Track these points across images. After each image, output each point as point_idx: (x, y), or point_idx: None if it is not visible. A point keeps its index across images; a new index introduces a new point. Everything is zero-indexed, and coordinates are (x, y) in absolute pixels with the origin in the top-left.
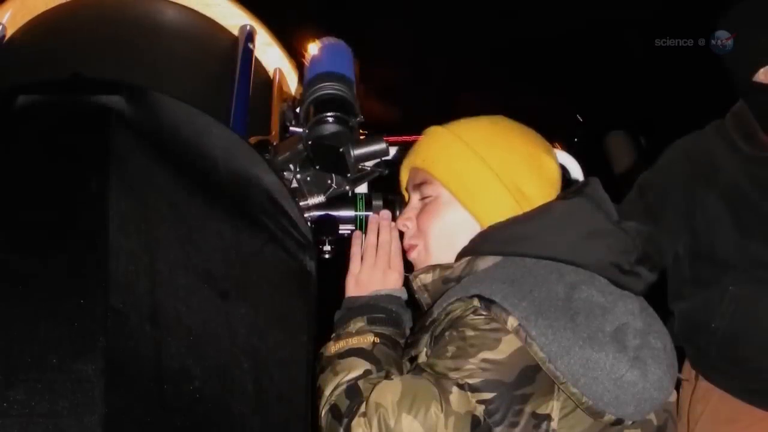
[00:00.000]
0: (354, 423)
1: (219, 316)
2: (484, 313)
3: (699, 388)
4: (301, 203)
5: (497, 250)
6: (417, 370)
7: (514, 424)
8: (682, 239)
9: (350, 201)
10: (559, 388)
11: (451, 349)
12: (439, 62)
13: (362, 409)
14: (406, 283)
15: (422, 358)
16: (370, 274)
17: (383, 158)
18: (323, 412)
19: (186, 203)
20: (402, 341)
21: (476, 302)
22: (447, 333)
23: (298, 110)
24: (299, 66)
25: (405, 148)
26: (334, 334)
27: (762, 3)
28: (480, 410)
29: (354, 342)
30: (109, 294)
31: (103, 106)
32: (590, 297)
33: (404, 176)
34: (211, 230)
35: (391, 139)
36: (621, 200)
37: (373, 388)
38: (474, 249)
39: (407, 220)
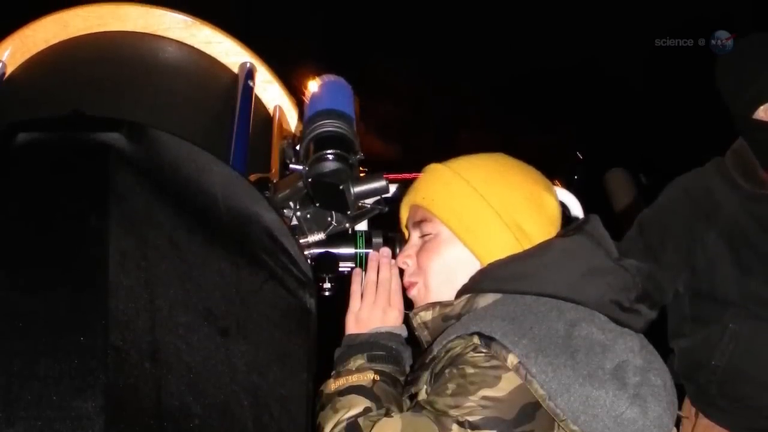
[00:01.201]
0: None
1: (219, 354)
2: (484, 350)
3: (699, 426)
4: (301, 241)
5: (497, 287)
6: (417, 407)
7: None
8: (682, 277)
9: (350, 238)
10: (559, 425)
11: (451, 386)
12: (439, 99)
13: None
14: (406, 321)
15: (422, 396)
16: (370, 311)
17: (383, 195)
18: None
19: (186, 241)
20: (402, 379)
21: (476, 339)
22: (447, 370)
23: (298, 147)
24: (299, 103)
25: (405, 186)
26: (334, 372)
27: (761, 41)
28: None
29: (354, 379)
30: (109, 331)
31: (102, 143)
32: (590, 334)
33: (404, 214)
34: (211, 268)
35: (391, 176)
36: (621, 238)
37: (373, 426)
38: (474, 286)
39: (407, 258)
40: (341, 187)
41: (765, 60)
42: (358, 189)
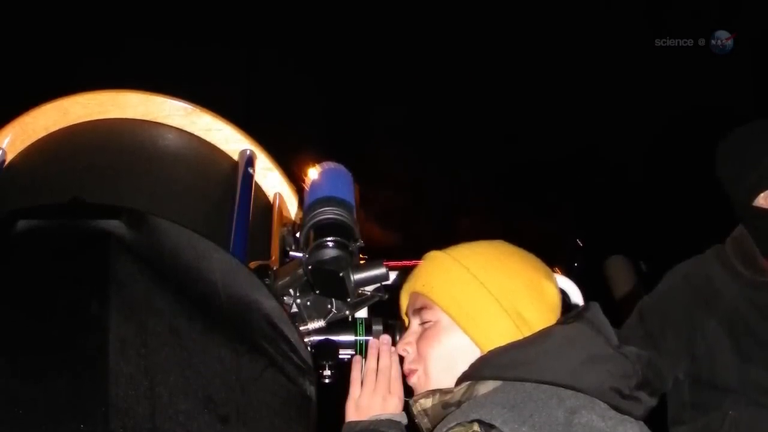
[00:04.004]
0: None
1: None
2: None
3: None
4: (301, 328)
5: (497, 374)
6: None
7: None
8: (683, 364)
9: (350, 326)
10: None
11: None
12: (440, 187)
13: None
14: (406, 408)
15: None
16: (370, 398)
17: (383, 283)
18: None
19: (186, 328)
20: None
21: (476, 427)
22: None
23: (298, 235)
24: (299, 190)
25: (405, 273)
26: None
27: (760, 128)
28: None
29: None
30: (110, 419)
31: (102, 230)
32: (590, 422)
33: (404, 301)
34: (211, 355)
35: (391, 263)
36: (621, 325)
37: None
38: (474, 374)
39: (407, 345)
40: (341, 275)
41: (765, 147)
42: (358, 276)
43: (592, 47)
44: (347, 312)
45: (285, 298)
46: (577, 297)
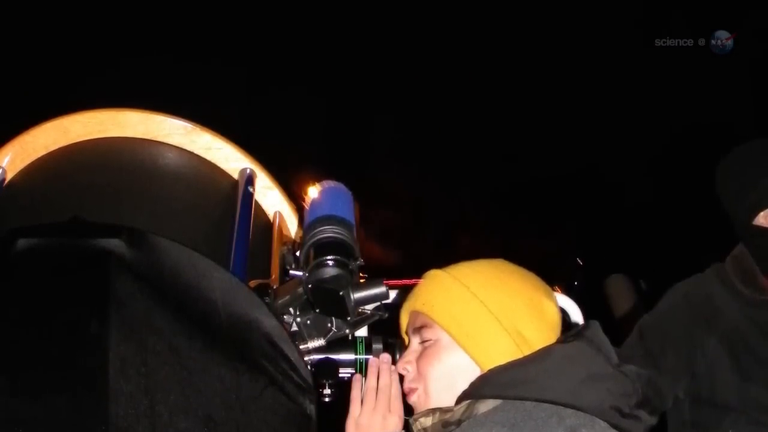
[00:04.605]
0: None
1: None
2: None
3: None
4: (301, 347)
5: (497, 393)
6: None
7: None
8: (683, 382)
9: (350, 344)
10: None
11: None
12: (440, 205)
13: None
14: (407, 427)
15: None
16: (371, 417)
17: (383, 301)
18: None
19: (186, 347)
20: None
21: None
22: None
23: (298, 253)
24: (299, 209)
25: (405, 292)
26: None
27: (760, 147)
28: None
29: None
30: None
31: (103, 249)
32: None
33: (404, 319)
34: (211, 374)
35: (391, 282)
36: (621, 343)
37: None
38: (474, 392)
39: (407, 364)
40: (341, 293)
41: (765, 166)
42: (358, 295)
43: (593, 65)
44: (347, 331)
45: (285, 316)
46: (577, 316)
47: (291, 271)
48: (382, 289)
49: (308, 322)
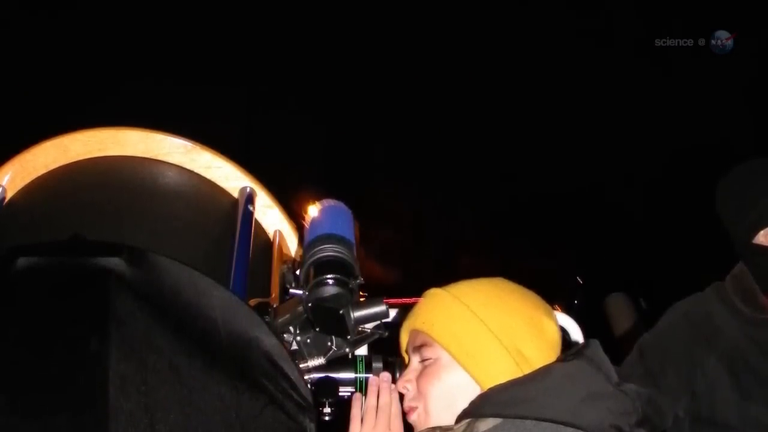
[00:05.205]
0: None
1: None
2: None
3: None
4: (301, 365)
5: (497, 412)
6: None
7: None
8: (683, 401)
9: (350, 363)
10: None
11: None
12: (439, 224)
13: None
14: None
15: None
16: None
17: (383, 320)
18: None
19: (186, 365)
20: None
21: None
22: None
23: (298, 272)
24: (299, 227)
25: (405, 310)
26: None
27: (760, 166)
28: None
29: None
30: None
31: (103, 268)
32: None
33: (404, 338)
34: (211, 392)
35: (391, 301)
36: (621, 362)
37: None
38: (474, 411)
39: (407, 383)
40: (341, 312)
41: (764, 185)
42: (358, 314)
43: (592, 84)
44: (347, 349)
45: (285, 335)
46: (577, 334)
47: (291, 290)
48: (382, 308)
49: (308, 340)
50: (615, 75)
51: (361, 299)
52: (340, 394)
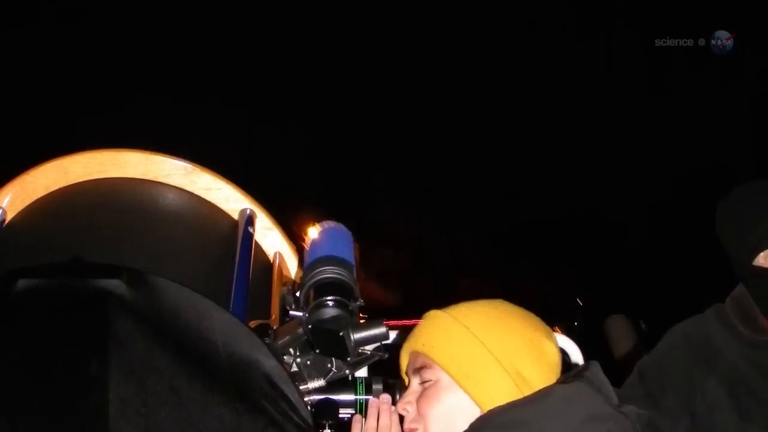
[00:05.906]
0: None
1: None
2: None
3: None
4: (301, 387)
5: None
6: None
7: None
8: (683, 423)
9: (350, 385)
10: None
11: None
12: (439, 246)
13: None
14: None
15: None
16: None
17: (383, 342)
18: None
19: (186, 387)
20: None
21: None
22: None
23: (298, 294)
24: (299, 250)
25: (405, 332)
26: None
27: (760, 188)
28: None
29: None
30: None
31: (102, 290)
32: None
33: (404, 360)
34: (211, 414)
35: (391, 323)
36: (621, 384)
37: None
38: None
39: (407, 404)
40: (341, 334)
41: (764, 207)
42: (358, 335)
43: (592, 106)
44: (347, 371)
45: (285, 357)
46: (577, 356)
47: (291, 312)
48: (382, 330)
49: (308, 362)
50: (616, 98)
51: (361, 321)
52: (340, 416)
